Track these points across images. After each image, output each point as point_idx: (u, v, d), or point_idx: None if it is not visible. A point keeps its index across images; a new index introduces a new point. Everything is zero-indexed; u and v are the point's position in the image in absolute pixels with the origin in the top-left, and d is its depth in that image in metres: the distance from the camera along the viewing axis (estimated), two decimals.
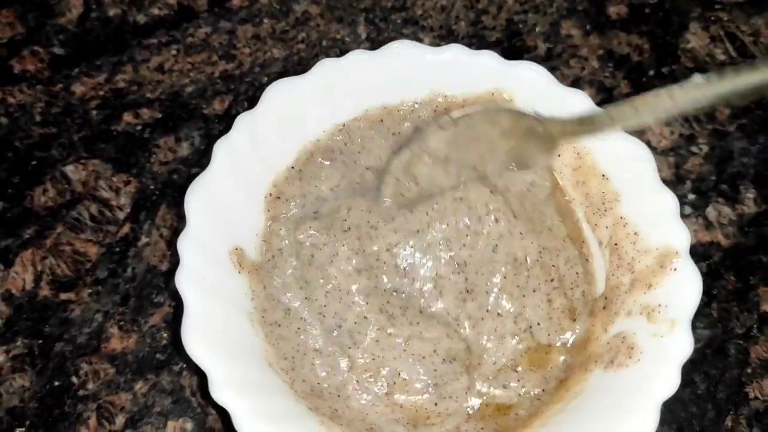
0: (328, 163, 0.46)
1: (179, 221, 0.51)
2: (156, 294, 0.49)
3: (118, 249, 0.50)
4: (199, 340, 0.36)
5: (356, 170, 0.46)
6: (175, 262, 0.49)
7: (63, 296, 0.49)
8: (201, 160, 0.54)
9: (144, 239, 0.51)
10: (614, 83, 0.58)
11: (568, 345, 0.43)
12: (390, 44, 0.45)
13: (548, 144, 0.44)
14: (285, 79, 0.44)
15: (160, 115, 0.55)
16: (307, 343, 0.41)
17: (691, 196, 0.53)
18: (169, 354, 0.47)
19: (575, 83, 0.57)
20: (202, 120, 0.55)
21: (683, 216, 0.51)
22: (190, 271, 0.38)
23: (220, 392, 0.35)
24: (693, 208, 0.53)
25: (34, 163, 0.53)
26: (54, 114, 0.55)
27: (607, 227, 0.44)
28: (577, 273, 0.45)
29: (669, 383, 0.37)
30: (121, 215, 0.52)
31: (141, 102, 0.56)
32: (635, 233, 0.43)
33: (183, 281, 0.37)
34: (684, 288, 0.40)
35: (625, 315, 0.42)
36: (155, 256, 0.50)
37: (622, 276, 0.43)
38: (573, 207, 0.46)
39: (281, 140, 0.44)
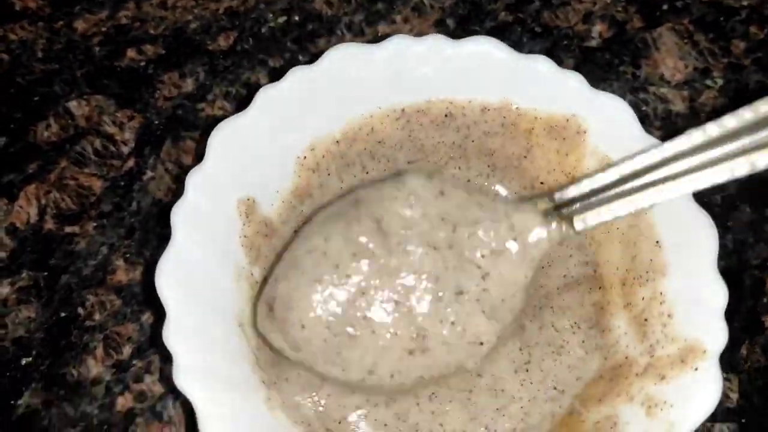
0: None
1: (185, 156, 0.51)
2: (162, 227, 0.48)
3: (122, 183, 0.50)
4: (170, 278, 0.35)
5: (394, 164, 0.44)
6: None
7: (68, 229, 0.48)
8: (206, 95, 0.53)
9: (149, 173, 0.50)
10: (626, 17, 0.56)
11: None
12: (476, 38, 0.42)
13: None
14: (353, 44, 0.42)
15: (163, 51, 0.54)
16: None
17: None
18: None
19: (587, 18, 0.56)
20: (206, 56, 0.54)
21: None
22: (190, 206, 0.37)
23: (170, 337, 0.34)
24: None
25: (36, 99, 0.53)
26: (56, 50, 0.54)
27: (643, 298, 0.40)
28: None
29: None
30: (125, 150, 0.51)
31: (144, 38, 0.55)
32: (669, 315, 0.38)
33: (178, 214, 0.36)
34: (698, 393, 0.35)
35: (626, 399, 0.37)
36: (160, 190, 0.49)
37: (640, 357, 0.38)
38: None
39: (333, 105, 0.42)
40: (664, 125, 0.52)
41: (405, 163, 0.45)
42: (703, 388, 0.34)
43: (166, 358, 0.43)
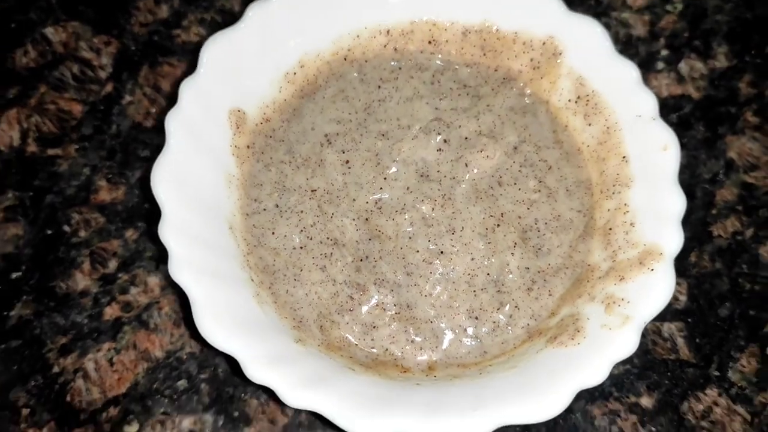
0: (356, 74, 0.46)
1: (162, 81, 0.52)
2: (142, 149, 0.50)
3: (102, 107, 0.51)
4: (165, 178, 0.37)
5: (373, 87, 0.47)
6: (160, 119, 0.51)
7: (50, 152, 0.50)
8: (181, 21, 0.54)
9: (127, 98, 0.51)
10: None
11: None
12: None
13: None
14: None
15: None
16: (281, 221, 0.43)
17: (665, 52, 0.54)
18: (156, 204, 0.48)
19: None
20: None
21: (656, 71, 0.53)
22: (183, 114, 0.38)
23: (165, 232, 0.37)
24: (666, 63, 0.54)
25: (13, 26, 0.53)
26: None
27: (608, 210, 0.42)
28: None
29: (594, 376, 0.36)
30: (103, 75, 0.52)
31: None
32: (631, 224, 0.41)
33: (171, 121, 0.38)
34: (652, 290, 0.38)
35: (588, 298, 0.40)
36: (139, 114, 0.51)
37: (603, 261, 0.41)
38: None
39: (322, 24, 0.44)
40: (625, 49, 0.54)
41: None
42: (658, 286, 0.38)
43: (150, 271, 0.46)
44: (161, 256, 0.47)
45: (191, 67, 0.51)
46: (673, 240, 0.38)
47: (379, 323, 0.40)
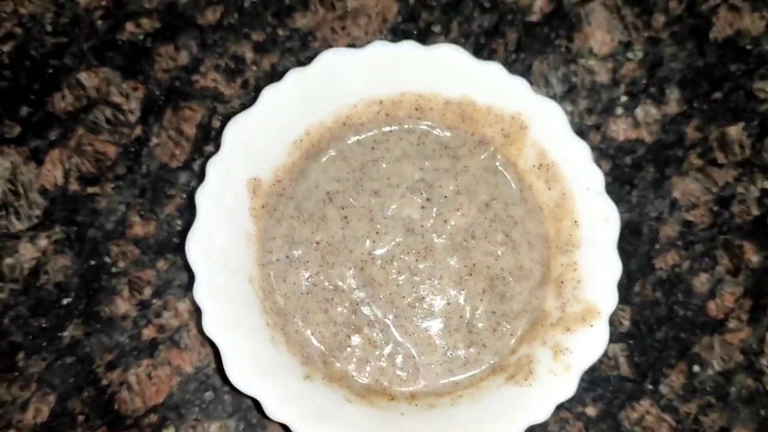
0: (355, 138, 0.53)
1: (184, 124, 0.60)
2: (168, 187, 0.58)
3: (132, 149, 0.59)
4: (197, 248, 0.46)
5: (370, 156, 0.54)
6: (184, 160, 0.58)
7: (90, 190, 0.58)
8: (199, 67, 0.61)
9: (154, 140, 0.59)
10: None
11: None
12: (440, 45, 0.51)
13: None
14: (341, 49, 0.50)
15: (159, 25, 0.62)
16: (296, 273, 0.51)
17: (624, 98, 0.62)
18: (183, 238, 0.57)
19: None
20: (197, 30, 0.62)
21: (615, 116, 0.61)
22: (210, 189, 0.46)
23: (199, 295, 0.45)
24: (624, 109, 0.62)
25: (50, 71, 0.60)
26: (63, 24, 0.62)
27: (562, 264, 0.50)
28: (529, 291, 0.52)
29: (540, 415, 0.44)
30: (132, 118, 0.60)
31: (140, 12, 0.62)
32: (578, 281, 0.49)
33: (201, 196, 0.46)
34: (590, 344, 0.46)
35: (541, 342, 0.49)
36: (165, 155, 0.59)
37: (555, 310, 0.50)
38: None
39: (322, 98, 0.51)
40: (589, 95, 0.62)
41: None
42: (595, 341, 0.47)
43: (179, 298, 0.55)
44: (189, 284, 0.56)
45: (208, 111, 0.59)
46: (609, 301, 0.47)
47: (371, 358, 0.49)
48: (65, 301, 0.56)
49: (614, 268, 0.47)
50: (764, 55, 0.64)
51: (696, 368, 0.57)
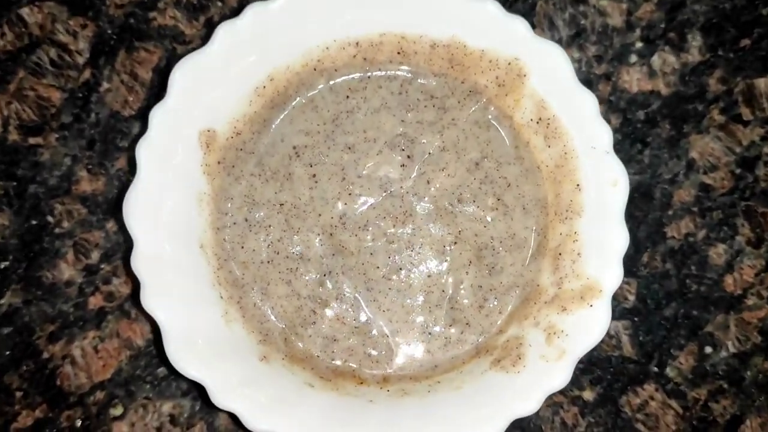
0: (325, 84, 0.46)
1: (139, 67, 0.53)
2: (120, 139, 0.52)
3: (80, 95, 0.52)
4: (137, 210, 0.40)
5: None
6: (138, 108, 0.52)
7: (31, 140, 0.51)
8: (157, 3, 0.54)
9: (105, 85, 0.52)
10: None
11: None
12: None
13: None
14: None
15: None
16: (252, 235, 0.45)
17: (639, 44, 0.55)
18: None
19: None
20: None
21: (628, 64, 0.54)
22: (153, 142, 0.40)
23: (137, 265, 0.40)
24: (639, 57, 0.54)
25: None
26: None
27: (560, 234, 0.44)
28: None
29: (528, 406, 0.39)
30: (80, 60, 0.53)
31: None
32: (578, 253, 0.43)
33: (142, 150, 0.40)
34: (589, 327, 0.41)
35: (533, 322, 0.43)
36: (117, 102, 0.52)
37: (550, 286, 0.44)
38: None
39: (287, 38, 0.44)
40: (599, 40, 0.55)
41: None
42: (595, 323, 0.41)
43: (129, 264, 0.49)
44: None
45: (166, 53, 0.53)
46: (613, 278, 0.41)
47: (339, 336, 0.44)
48: (2, 265, 0.50)
49: (620, 240, 0.41)
50: None
51: (708, 349, 0.51)
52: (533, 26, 0.50)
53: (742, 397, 0.50)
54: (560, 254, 0.44)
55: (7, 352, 0.49)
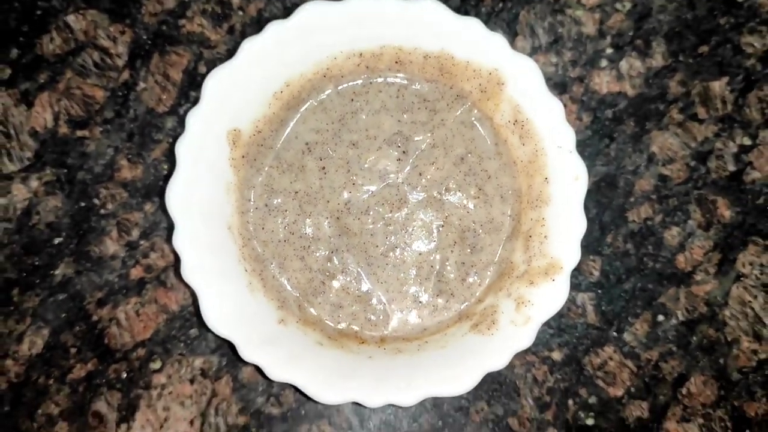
0: (333, 88, 0.54)
1: (170, 69, 0.60)
2: (155, 132, 0.59)
3: (120, 93, 0.60)
4: (177, 197, 0.47)
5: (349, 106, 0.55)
6: (170, 105, 0.60)
7: (79, 133, 0.59)
8: (186, 12, 0.61)
9: (141, 84, 0.60)
10: None
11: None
12: (419, 0, 0.50)
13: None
14: (321, 1, 0.50)
15: None
16: (275, 220, 0.53)
17: (609, 50, 0.62)
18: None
19: None
20: None
21: (599, 68, 0.61)
22: (190, 139, 0.48)
23: (178, 243, 0.47)
24: (609, 61, 0.62)
25: (38, 12, 0.61)
26: None
27: (531, 219, 0.52)
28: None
29: (499, 361, 0.47)
30: (120, 62, 0.61)
31: None
32: (545, 236, 0.50)
33: (180, 147, 0.48)
34: (551, 297, 0.48)
35: (506, 293, 0.51)
36: (152, 100, 0.60)
37: (521, 264, 0.51)
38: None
39: (301, 50, 0.51)
40: (574, 46, 0.62)
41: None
42: (555, 294, 0.49)
43: (167, 239, 0.57)
44: (173, 227, 0.58)
45: (194, 57, 0.60)
46: (572, 257, 0.49)
47: (344, 304, 0.52)
48: (56, 241, 0.58)
49: (579, 226, 0.49)
50: (755, 8, 0.63)
51: (660, 318, 0.59)
52: (516, 34, 0.58)
53: (688, 359, 0.59)
54: (530, 236, 0.52)
55: (63, 315, 0.57)
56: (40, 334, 0.57)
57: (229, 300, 0.48)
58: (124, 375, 0.57)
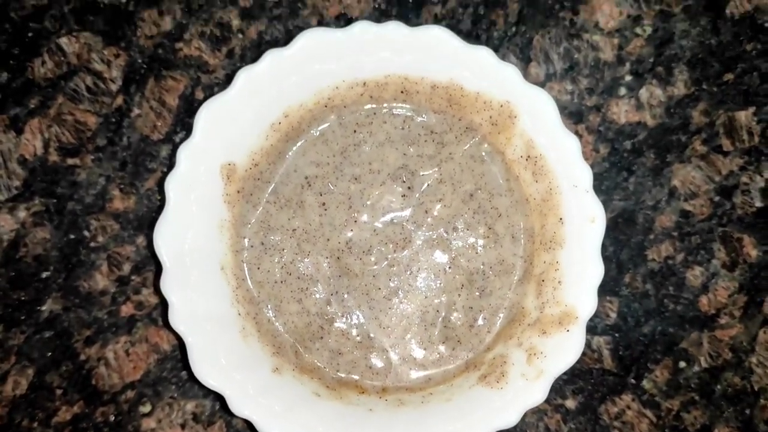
0: (335, 119, 0.51)
1: (166, 95, 0.58)
2: (149, 161, 0.57)
3: (113, 119, 0.57)
4: (165, 238, 0.45)
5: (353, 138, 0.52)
6: (165, 132, 0.57)
7: (70, 161, 0.57)
8: (183, 34, 0.59)
9: (136, 111, 0.57)
10: None
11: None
12: (427, 27, 0.47)
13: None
14: (322, 29, 0.47)
15: None
16: (270, 257, 0.50)
17: (628, 78, 0.59)
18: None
19: None
20: None
21: (617, 96, 0.58)
22: (181, 175, 0.45)
23: (166, 288, 0.44)
24: (628, 89, 0.59)
25: (30, 34, 0.58)
26: None
27: (544, 262, 0.49)
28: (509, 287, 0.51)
29: (509, 419, 0.44)
30: (113, 87, 0.58)
31: None
32: (559, 281, 0.47)
33: (170, 183, 0.45)
34: (565, 350, 0.45)
35: (516, 342, 0.48)
36: (147, 127, 0.57)
37: (534, 310, 0.48)
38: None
39: (301, 79, 0.48)
40: (591, 73, 0.59)
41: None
42: (570, 347, 0.46)
43: (158, 274, 0.54)
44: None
45: (191, 82, 0.57)
46: (588, 306, 0.45)
47: (344, 350, 0.49)
48: (44, 275, 0.55)
49: (596, 272, 0.46)
50: None
51: (682, 364, 0.55)
52: (529, 60, 0.55)
53: (712, 409, 0.55)
54: (543, 281, 0.48)
55: (49, 354, 0.54)
56: (24, 374, 0.54)
57: (221, 347, 0.45)
58: (112, 418, 0.54)
